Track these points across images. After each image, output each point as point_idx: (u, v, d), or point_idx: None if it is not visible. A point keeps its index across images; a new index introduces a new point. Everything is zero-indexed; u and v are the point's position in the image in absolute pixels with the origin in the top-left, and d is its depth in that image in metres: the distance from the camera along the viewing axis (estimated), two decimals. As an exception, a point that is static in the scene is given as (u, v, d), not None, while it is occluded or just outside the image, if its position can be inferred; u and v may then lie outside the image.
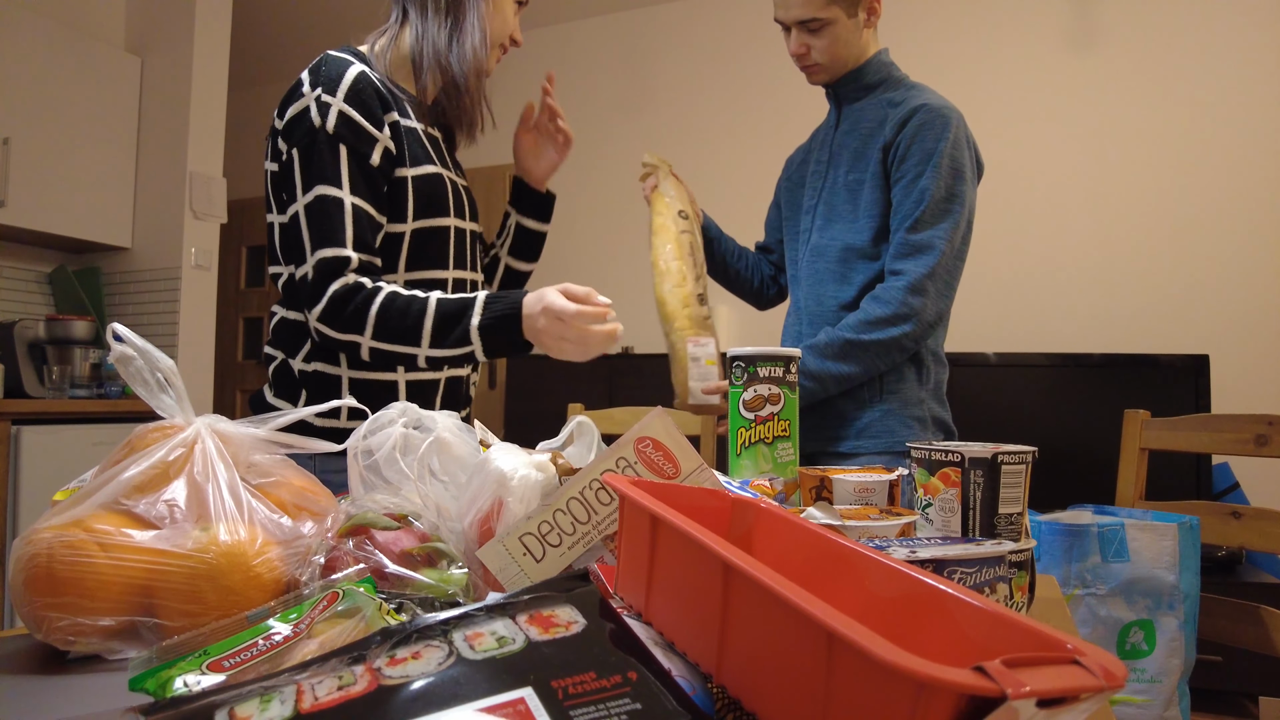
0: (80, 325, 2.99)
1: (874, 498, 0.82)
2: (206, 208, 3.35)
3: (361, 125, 1.12)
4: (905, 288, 1.34)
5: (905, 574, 0.44)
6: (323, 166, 1.11)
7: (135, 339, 0.67)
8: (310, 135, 1.11)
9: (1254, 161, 3.10)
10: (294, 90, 1.14)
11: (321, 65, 1.14)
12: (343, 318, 1.09)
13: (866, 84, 1.49)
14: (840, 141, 1.52)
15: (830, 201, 1.49)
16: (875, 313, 1.35)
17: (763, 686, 0.36)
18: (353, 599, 0.52)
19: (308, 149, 1.11)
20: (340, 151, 1.11)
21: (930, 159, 1.37)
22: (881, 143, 1.42)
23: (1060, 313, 3.34)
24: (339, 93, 1.12)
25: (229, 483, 0.65)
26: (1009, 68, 3.48)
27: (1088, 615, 1.31)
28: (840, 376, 1.38)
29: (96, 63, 3.20)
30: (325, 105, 1.11)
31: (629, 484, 0.53)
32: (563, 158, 1.45)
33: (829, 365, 1.37)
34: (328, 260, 1.09)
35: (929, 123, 1.38)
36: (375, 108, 1.14)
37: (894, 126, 1.41)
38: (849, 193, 1.46)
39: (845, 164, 1.49)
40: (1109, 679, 0.29)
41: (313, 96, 1.12)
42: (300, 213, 1.11)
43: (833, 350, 1.37)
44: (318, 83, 1.12)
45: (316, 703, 0.34)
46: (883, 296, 1.36)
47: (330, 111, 1.11)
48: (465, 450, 0.77)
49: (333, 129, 1.11)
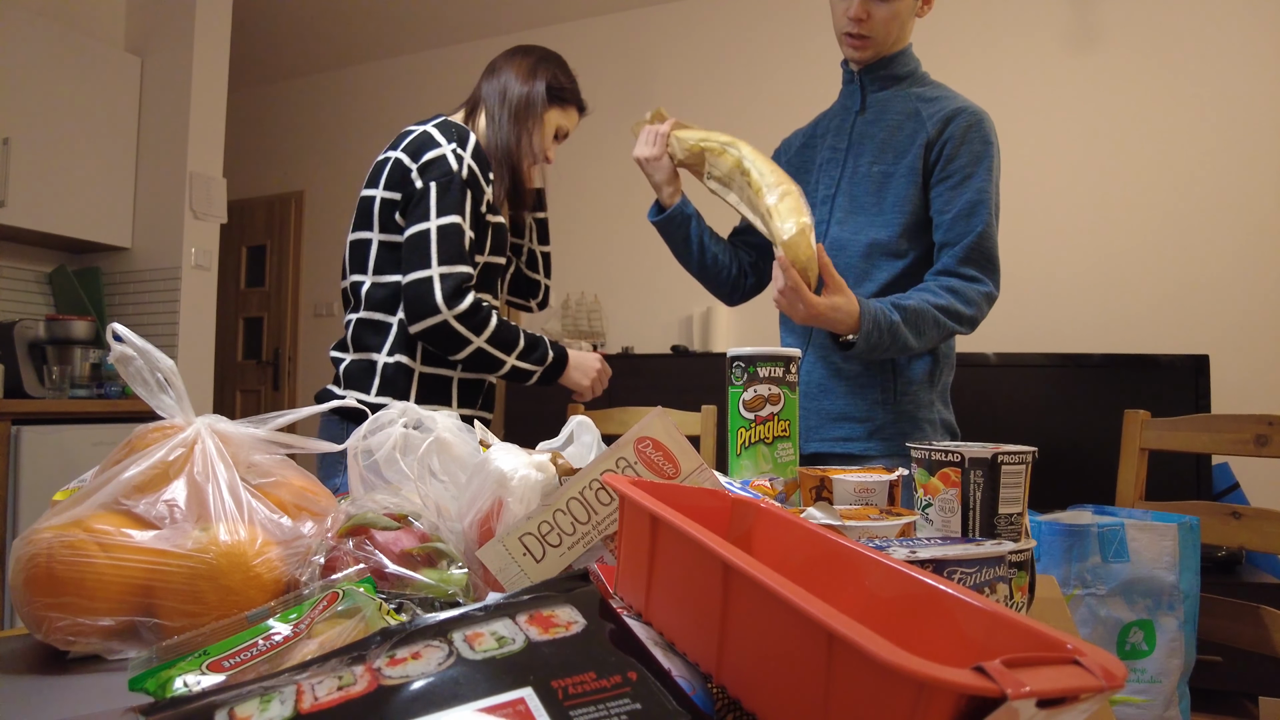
0: (80, 325, 2.99)
1: (874, 498, 0.82)
2: (206, 208, 3.35)
3: (479, 177, 1.45)
4: (985, 296, 1.36)
5: (905, 574, 0.44)
6: (455, 201, 1.41)
7: (135, 339, 0.67)
8: (448, 175, 1.41)
9: (1254, 161, 3.10)
10: (426, 140, 1.44)
11: (450, 127, 1.47)
12: (474, 319, 1.41)
13: (896, 74, 1.47)
14: (862, 130, 1.47)
15: (852, 193, 1.44)
16: (959, 309, 1.34)
17: (763, 686, 0.36)
18: (353, 599, 0.52)
19: (445, 186, 1.41)
20: (467, 194, 1.43)
21: (980, 161, 1.36)
22: (924, 138, 1.39)
23: (1060, 313, 3.34)
24: (468, 150, 1.45)
25: (229, 483, 0.65)
26: (1009, 68, 3.48)
27: (1088, 615, 1.31)
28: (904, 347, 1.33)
29: (96, 63, 3.20)
30: (460, 157, 1.43)
31: (629, 484, 0.53)
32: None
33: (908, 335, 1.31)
34: (461, 273, 1.40)
35: (976, 125, 1.38)
36: (486, 169, 1.48)
37: (938, 123, 1.39)
38: (874, 185, 1.42)
39: (870, 153, 1.44)
40: (1109, 679, 0.29)
41: (449, 148, 1.43)
42: (432, 230, 1.39)
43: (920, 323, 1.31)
44: (450, 139, 1.44)
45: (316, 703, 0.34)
46: (968, 295, 1.34)
47: (464, 163, 1.43)
48: (465, 450, 0.77)
49: (466, 176, 1.43)
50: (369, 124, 4.99)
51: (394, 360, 1.45)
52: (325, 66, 5.17)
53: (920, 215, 1.40)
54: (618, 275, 4.20)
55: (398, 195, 1.43)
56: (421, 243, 1.39)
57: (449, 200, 1.40)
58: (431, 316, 1.38)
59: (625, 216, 4.22)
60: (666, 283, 4.09)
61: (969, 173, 1.36)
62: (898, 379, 1.41)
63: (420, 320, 1.39)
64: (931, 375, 1.43)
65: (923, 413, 1.42)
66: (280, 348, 5.11)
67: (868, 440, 1.42)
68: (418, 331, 1.40)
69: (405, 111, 4.76)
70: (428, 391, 1.47)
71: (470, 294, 1.40)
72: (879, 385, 1.42)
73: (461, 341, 1.41)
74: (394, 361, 1.45)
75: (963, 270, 1.36)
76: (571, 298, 4.21)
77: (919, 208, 1.39)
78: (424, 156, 1.42)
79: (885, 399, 1.41)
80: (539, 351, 1.51)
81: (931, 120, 1.39)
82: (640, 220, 4.26)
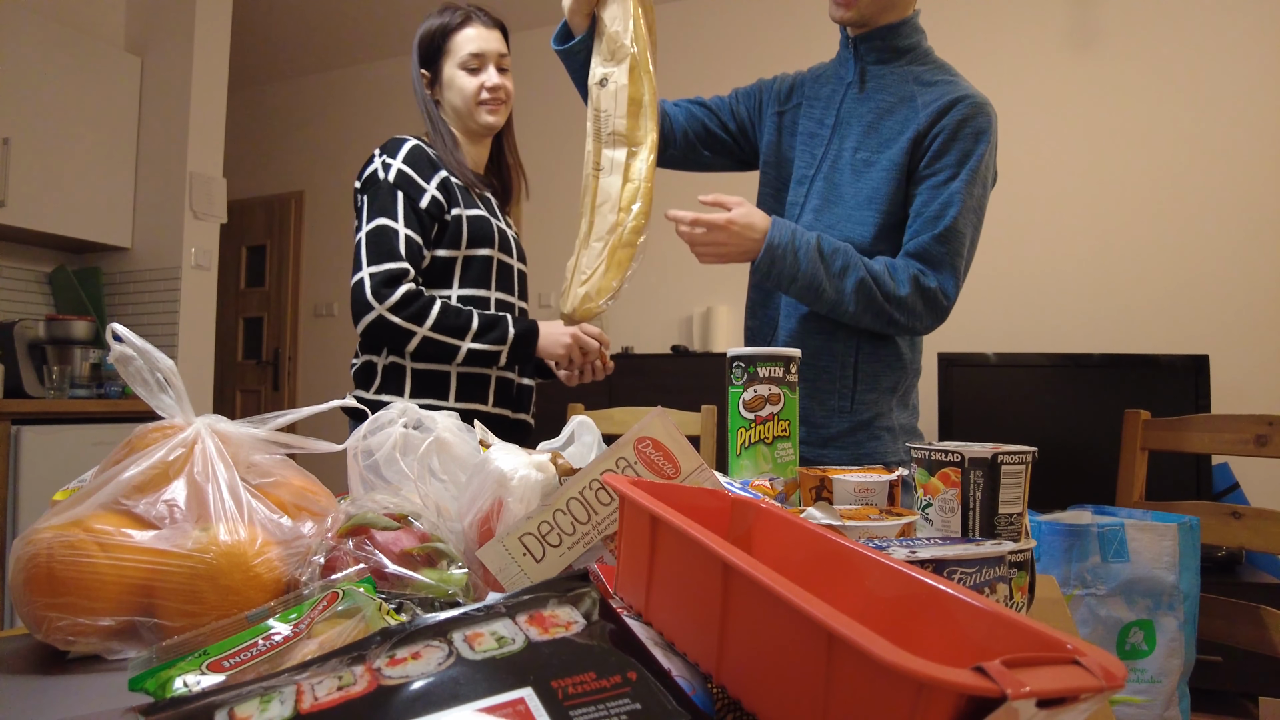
0: (80, 325, 2.99)
1: (874, 498, 0.82)
2: (206, 208, 3.35)
3: (413, 178, 1.47)
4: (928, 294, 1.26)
5: (905, 574, 0.44)
6: (381, 205, 1.45)
7: (135, 339, 0.67)
8: (375, 184, 1.47)
9: (1254, 161, 3.10)
10: (368, 161, 1.50)
11: (390, 142, 1.51)
12: (409, 310, 1.41)
13: (897, 46, 1.34)
14: (851, 108, 1.36)
15: (831, 178, 1.35)
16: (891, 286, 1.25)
17: (763, 686, 0.36)
18: (353, 599, 0.52)
19: (373, 194, 1.46)
20: (397, 195, 1.45)
21: (967, 161, 1.26)
22: (913, 131, 1.28)
23: (1060, 313, 3.34)
24: (398, 156, 1.48)
25: (229, 483, 0.65)
26: (1009, 67, 3.48)
27: (1088, 615, 1.31)
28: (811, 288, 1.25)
29: (96, 63, 3.20)
30: (388, 165, 1.47)
31: (629, 484, 0.53)
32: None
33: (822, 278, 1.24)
34: (389, 269, 1.41)
35: (971, 119, 1.26)
36: (425, 168, 1.49)
37: (930, 115, 1.28)
38: (854, 173, 1.33)
39: (854, 137, 1.34)
40: (1109, 679, 0.29)
41: (379, 160, 1.48)
42: (362, 237, 1.44)
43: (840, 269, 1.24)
44: (382, 152, 1.50)
45: (316, 703, 0.34)
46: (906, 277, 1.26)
47: (391, 168, 1.47)
48: (465, 450, 0.77)
49: (394, 179, 1.46)
50: (369, 124, 4.99)
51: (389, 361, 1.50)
52: (325, 66, 5.17)
53: (898, 215, 1.31)
54: (618, 275, 4.20)
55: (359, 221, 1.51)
56: (355, 251, 1.45)
57: (376, 205, 1.45)
58: (366, 314, 1.40)
59: (625, 216, 4.22)
60: (666, 283, 4.09)
61: (953, 174, 1.26)
62: (856, 387, 1.35)
63: (358, 320, 1.42)
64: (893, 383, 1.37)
65: (881, 421, 1.36)
66: (280, 348, 5.11)
67: (822, 447, 1.36)
68: (359, 330, 1.43)
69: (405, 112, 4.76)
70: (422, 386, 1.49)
71: (402, 287, 1.40)
72: (836, 393, 1.35)
73: (404, 333, 1.41)
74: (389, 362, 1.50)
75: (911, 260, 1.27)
76: (571, 298, 4.21)
77: (897, 207, 1.30)
78: (363, 175, 1.50)
79: (842, 406, 1.35)
80: (498, 330, 1.46)
81: (926, 110, 1.28)
82: (640, 220, 4.26)
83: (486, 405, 1.53)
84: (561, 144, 4.38)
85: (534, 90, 4.48)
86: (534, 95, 4.48)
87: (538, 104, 4.47)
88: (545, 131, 4.43)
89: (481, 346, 1.45)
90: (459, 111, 1.56)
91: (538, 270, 4.48)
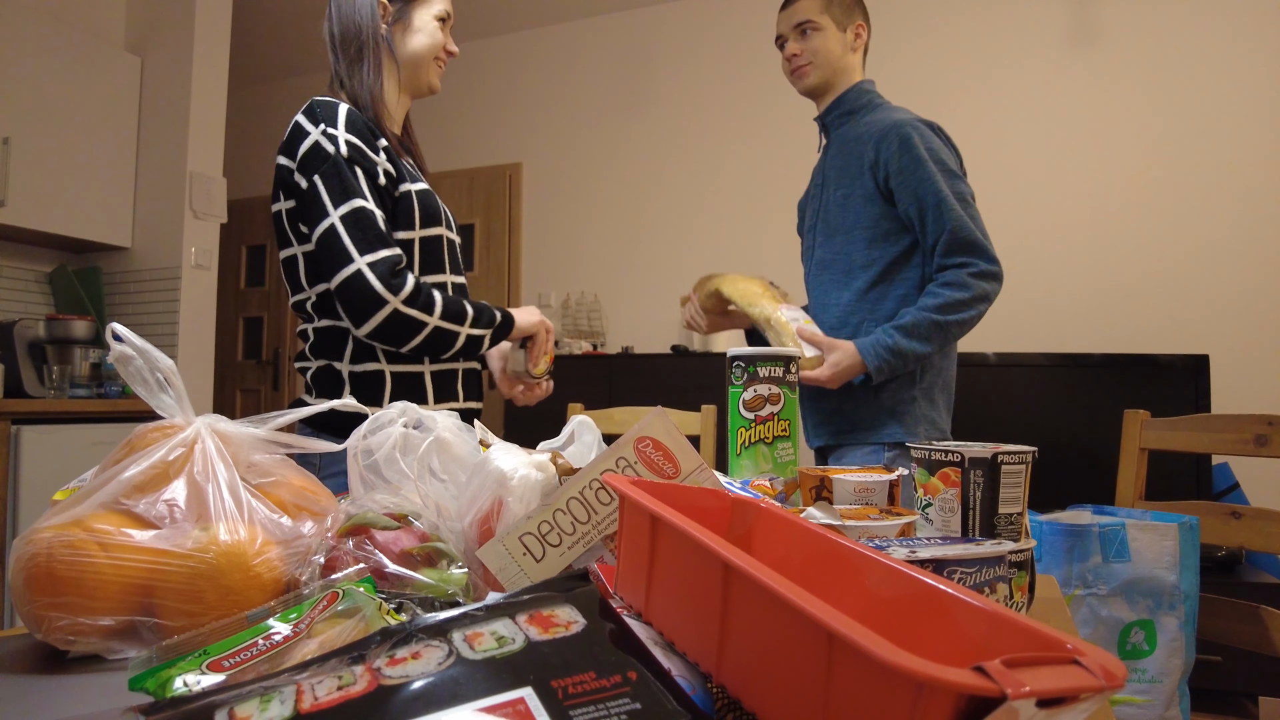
0: (80, 325, 2.99)
1: (874, 498, 0.82)
2: (206, 207, 3.35)
3: (364, 150, 1.28)
4: (978, 274, 1.48)
5: (905, 574, 0.44)
6: (348, 185, 1.25)
7: (135, 339, 0.67)
8: (329, 161, 1.25)
9: (1254, 161, 3.10)
10: (296, 132, 1.28)
11: (315, 107, 1.28)
12: (420, 301, 1.26)
13: (848, 109, 1.65)
14: (829, 164, 1.67)
15: (825, 218, 1.66)
16: (956, 296, 1.47)
17: (763, 686, 0.36)
18: (353, 599, 0.52)
19: (330, 173, 1.24)
20: (357, 172, 1.26)
21: (917, 170, 1.50)
22: (869, 161, 1.56)
23: (1060, 313, 3.34)
24: (339, 125, 1.26)
25: (229, 482, 0.65)
26: (1009, 67, 3.48)
27: (1089, 615, 1.31)
28: (920, 355, 1.49)
29: (96, 63, 3.20)
30: (332, 136, 1.25)
31: (629, 484, 0.53)
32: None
33: (915, 344, 1.48)
34: (389, 256, 1.25)
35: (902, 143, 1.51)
36: (368, 136, 1.29)
37: (873, 146, 1.56)
38: (840, 209, 1.62)
39: (833, 184, 1.65)
40: (1109, 679, 0.29)
41: (319, 132, 1.26)
42: (336, 224, 1.24)
43: (920, 331, 1.48)
44: (317, 120, 1.27)
45: (316, 703, 0.34)
46: (957, 282, 1.48)
47: (339, 140, 1.26)
48: (465, 450, 0.77)
49: (347, 153, 1.26)
50: (369, 124, 4.99)
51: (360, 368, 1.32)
52: (325, 66, 5.16)
53: (883, 225, 1.56)
54: (618, 275, 4.20)
55: (292, 203, 1.29)
56: (332, 241, 1.24)
57: (340, 186, 1.24)
58: (379, 310, 1.23)
59: (625, 216, 4.22)
60: (666, 283, 4.09)
61: (915, 180, 1.50)
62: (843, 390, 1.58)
63: (368, 318, 1.24)
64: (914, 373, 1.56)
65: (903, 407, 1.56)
66: (280, 348, 5.11)
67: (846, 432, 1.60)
68: (369, 331, 1.25)
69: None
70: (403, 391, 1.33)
71: (409, 274, 1.26)
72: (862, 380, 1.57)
73: (417, 326, 1.26)
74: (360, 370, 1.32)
75: (948, 261, 1.50)
76: (571, 298, 4.21)
77: (880, 218, 1.56)
78: (299, 151, 1.27)
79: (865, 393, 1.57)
80: (487, 315, 1.36)
81: (869, 143, 1.57)
82: (640, 220, 4.27)
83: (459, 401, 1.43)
84: (561, 142, 4.38)
85: (535, 90, 4.49)
86: (535, 95, 4.48)
87: (538, 103, 4.47)
88: (545, 129, 4.43)
89: (478, 332, 1.33)
90: (415, 63, 1.39)
91: (538, 269, 4.49)
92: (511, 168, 4.50)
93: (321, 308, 1.34)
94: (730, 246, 3.98)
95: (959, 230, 1.48)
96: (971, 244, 1.49)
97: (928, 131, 1.53)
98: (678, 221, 4.10)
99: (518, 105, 4.51)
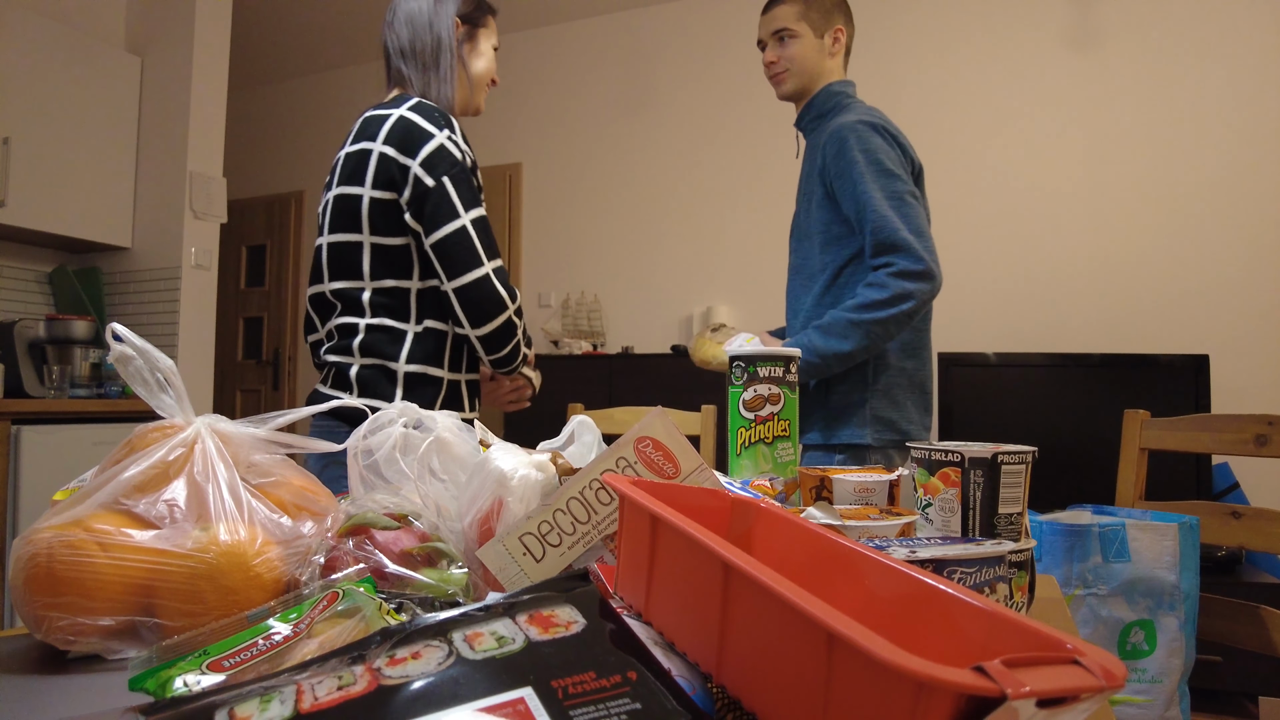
0: (80, 325, 2.99)
1: (874, 498, 0.82)
2: (206, 208, 3.35)
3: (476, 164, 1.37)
4: (897, 273, 1.48)
5: (905, 574, 0.44)
6: (475, 192, 1.33)
7: (135, 339, 0.67)
8: (458, 166, 1.32)
9: (1254, 161, 3.10)
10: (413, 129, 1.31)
11: (433, 110, 1.34)
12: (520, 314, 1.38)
13: (818, 113, 1.67)
14: (802, 169, 1.71)
15: (797, 223, 1.71)
16: (873, 296, 1.48)
17: (763, 686, 0.36)
18: (353, 599, 0.52)
19: (460, 177, 1.31)
20: (475, 181, 1.35)
21: (850, 172, 1.52)
22: (819, 165, 1.59)
23: (1060, 313, 3.34)
24: (458, 133, 1.34)
25: (229, 483, 0.65)
26: (1009, 68, 3.48)
27: (1089, 615, 1.31)
28: (841, 354, 1.50)
29: (96, 63, 3.20)
30: (456, 142, 1.33)
31: (629, 484, 0.53)
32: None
33: (832, 342, 1.50)
34: (504, 269, 1.35)
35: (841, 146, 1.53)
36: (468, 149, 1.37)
37: (822, 149, 1.58)
38: (805, 214, 1.67)
39: (803, 188, 1.69)
40: (1109, 679, 0.29)
41: (443, 136, 1.31)
42: (468, 226, 1.31)
43: (836, 329, 1.49)
44: (438, 123, 1.32)
45: (316, 703, 0.34)
46: (876, 282, 1.49)
47: (462, 147, 1.33)
48: (465, 450, 0.77)
49: (469, 163, 1.34)
50: (369, 124, 4.99)
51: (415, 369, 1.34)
52: (325, 66, 5.18)
53: (834, 229, 1.59)
54: (618, 275, 4.20)
55: (393, 195, 1.31)
56: (464, 242, 1.30)
57: (469, 192, 1.32)
58: (500, 314, 1.32)
59: (625, 216, 4.22)
60: (666, 283, 4.09)
61: (849, 182, 1.52)
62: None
63: (489, 320, 1.32)
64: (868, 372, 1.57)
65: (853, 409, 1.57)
66: (280, 348, 5.11)
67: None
68: (486, 333, 1.33)
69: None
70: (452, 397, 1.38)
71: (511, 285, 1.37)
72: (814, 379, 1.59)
73: (511, 334, 1.36)
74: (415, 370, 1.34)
75: (874, 262, 1.52)
76: (571, 298, 4.21)
77: (830, 222, 1.59)
78: (422, 150, 1.30)
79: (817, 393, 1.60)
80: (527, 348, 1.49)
81: (819, 147, 1.60)
82: (641, 220, 4.27)
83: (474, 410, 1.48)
84: (561, 142, 4.38)
85: (535, 90, 4.49)
86: (535, 95, 4.48)
87: (538, 103, 4.47)
88: (545, 129, 4.43)
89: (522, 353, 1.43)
90: (476, 83, 1.46)
91: (538, 269, 4.49)
92: (511, 168, 4.50)
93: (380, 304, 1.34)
94: (730, 246, 3.98)
95: (879, 231, 1.48)
96: (892, 244, 1.48)
97: (867, 132, 1.53)
98: (678, 221, 4.10)
99: (518, 105, 4.51)
